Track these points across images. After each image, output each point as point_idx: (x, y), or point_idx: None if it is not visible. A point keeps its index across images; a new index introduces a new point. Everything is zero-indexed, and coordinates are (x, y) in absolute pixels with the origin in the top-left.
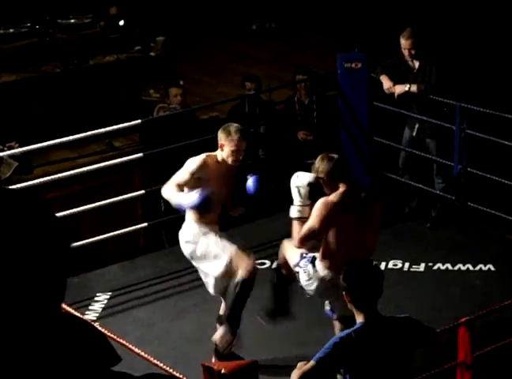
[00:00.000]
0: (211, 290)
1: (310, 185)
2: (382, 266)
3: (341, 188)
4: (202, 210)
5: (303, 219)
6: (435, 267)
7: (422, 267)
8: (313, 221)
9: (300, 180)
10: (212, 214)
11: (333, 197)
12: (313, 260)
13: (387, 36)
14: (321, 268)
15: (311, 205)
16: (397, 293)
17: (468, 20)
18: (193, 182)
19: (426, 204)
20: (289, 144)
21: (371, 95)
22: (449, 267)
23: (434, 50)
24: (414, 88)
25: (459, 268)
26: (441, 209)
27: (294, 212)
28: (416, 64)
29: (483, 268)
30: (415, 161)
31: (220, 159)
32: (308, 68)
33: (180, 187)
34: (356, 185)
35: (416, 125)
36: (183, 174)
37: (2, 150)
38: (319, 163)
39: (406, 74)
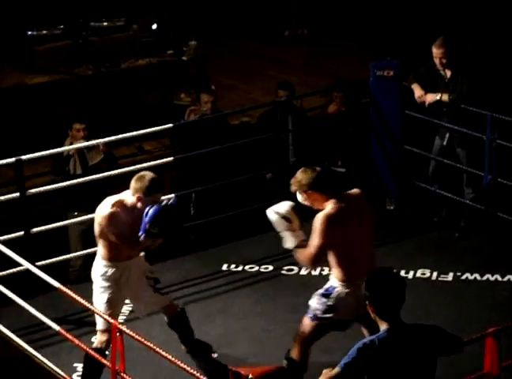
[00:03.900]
0: None
1: (290, 206)
2: (410, 275)
3: (333, 200)
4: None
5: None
6: (463, 276)
7: (450, 276)
8: (318, 238)
9: (278, 207)
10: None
11: (330, 209)
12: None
13: (420, 44)
14: (339, 287)
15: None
16: (424, 302)
17: (500, 31)
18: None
19: (455, 214)
20: (323, 151)
21: (403, 103)
22: (478, 277)
23: (467, 59)
24: (445, 97)
25: (487, 278)
26: (470, 219)
27: (289, 240)
28: (448, 73)
29: None
30: (445, 170)
31: (130, 205)
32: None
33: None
34: (344, 195)
35: (447, 135)
36: (115, 232)
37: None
38: (301, 175)
39: (438, 83)
